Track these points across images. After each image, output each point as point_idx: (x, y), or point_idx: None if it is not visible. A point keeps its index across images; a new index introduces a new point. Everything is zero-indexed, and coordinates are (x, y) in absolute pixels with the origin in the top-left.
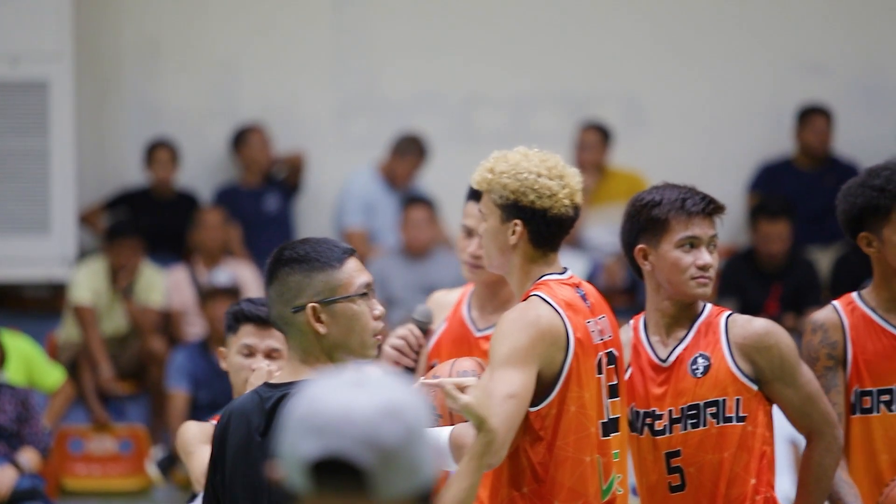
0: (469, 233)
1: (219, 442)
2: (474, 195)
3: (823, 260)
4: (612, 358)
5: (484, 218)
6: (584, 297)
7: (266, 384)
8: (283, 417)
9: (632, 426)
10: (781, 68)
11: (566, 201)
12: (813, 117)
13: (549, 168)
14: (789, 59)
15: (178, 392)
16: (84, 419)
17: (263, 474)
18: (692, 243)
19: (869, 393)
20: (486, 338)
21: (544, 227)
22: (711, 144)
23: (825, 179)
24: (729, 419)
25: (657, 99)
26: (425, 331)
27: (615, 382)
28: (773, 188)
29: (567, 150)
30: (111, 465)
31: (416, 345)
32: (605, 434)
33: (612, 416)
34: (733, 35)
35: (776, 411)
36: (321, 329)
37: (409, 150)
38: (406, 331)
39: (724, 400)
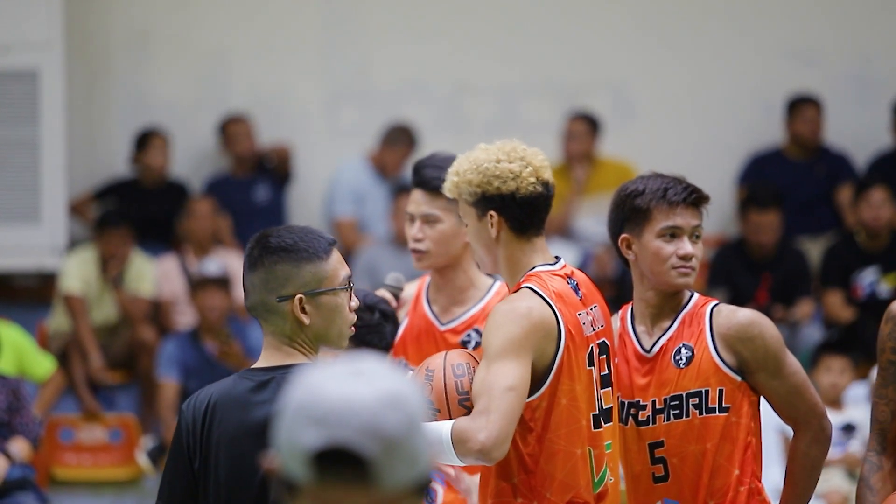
0: (412, 219)
1: (200, 429)
2: (419, 182)
3: (813, 250)
4: (604, 348)
5: (466, 224)
6: (575, 288)
7: (248, 369)
8: (281, 406)
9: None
10: (770, 58)
11: (531, 179)
12: (803, 107)
13: (508, 152)
14: (778, 49)
15: (169, 381)
16: (74, 409)
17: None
18: (674, 233)
19: None
20: (452, 331)
21: (518, 211)
22: (701, 134)
23: (815, 169)
24: (712, 410)
25: (646, 89)
26: (397, 297)
27: (607, 372)
28: (763, 178)
29: (555, 139)
30: (101, 455)
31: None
32: (597, 426)
33: (604, 407)
34: (722, 25)
35: (764, 401)
36: (305, 319)
37: (399, 140)
38: (380, 294)
39: (706, 391)
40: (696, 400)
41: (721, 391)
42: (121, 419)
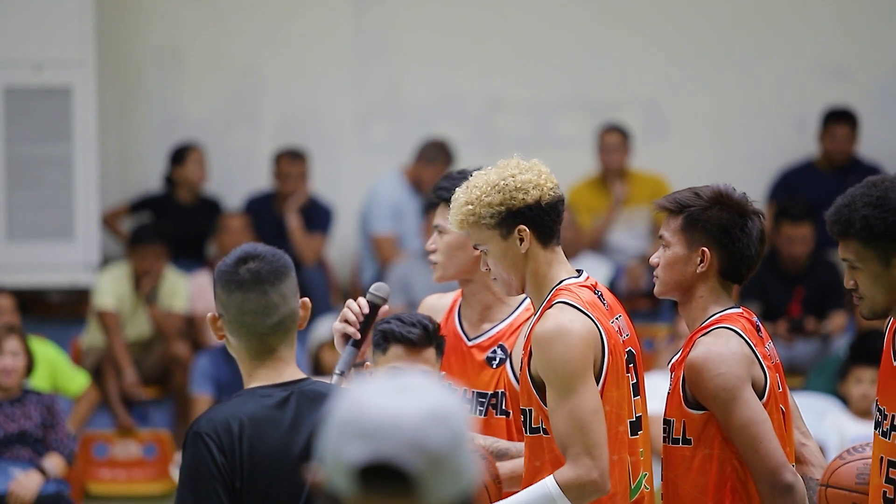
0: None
1: (238, 448)
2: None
3: None
4: (631, 357)
5: (484, 250)
6: (601, 298)
7: (258, 387)
8: (325, 419)
9: None
10: (800, 73)
11: (550, 184)
12: (838, 122)
13: (515, 166)
14: (810, 63)
15: (202, 396)
16: (108, 424)
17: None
18: None
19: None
20: (478, 346)
21: (546, 217)
22: (732, 149)
23: (848, 181)
24: (676, 441)
25: (678, 104)
26: (378, 306)
27: (636, 381)
28: (795, 191)
29: (588, 155)
30: (135, 470)
31: (359, 314)
32: (633, 433)
33: (637, 415)
34: (753, 39)
35: (814, 419)
36: (305, 322)
37: (436, 157)
38: (352, 303)
39: (672, 421)
40: (668, 427)
41: (684, 423)
42: (155, 434)
